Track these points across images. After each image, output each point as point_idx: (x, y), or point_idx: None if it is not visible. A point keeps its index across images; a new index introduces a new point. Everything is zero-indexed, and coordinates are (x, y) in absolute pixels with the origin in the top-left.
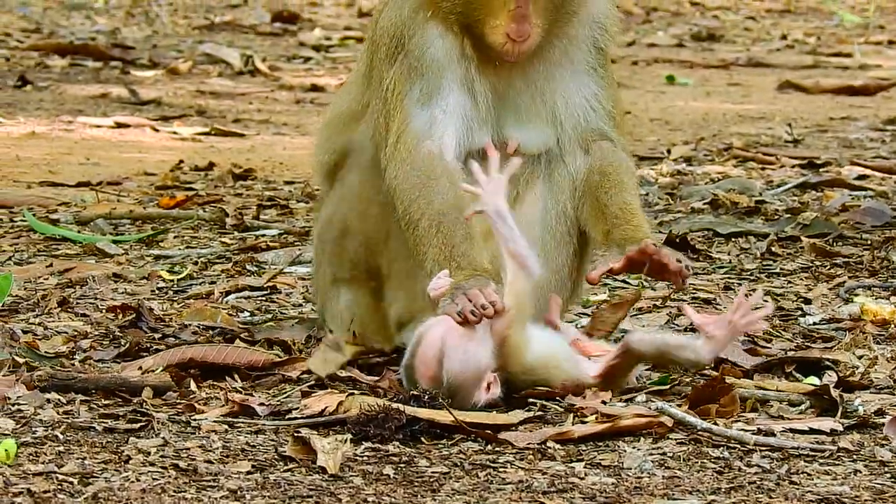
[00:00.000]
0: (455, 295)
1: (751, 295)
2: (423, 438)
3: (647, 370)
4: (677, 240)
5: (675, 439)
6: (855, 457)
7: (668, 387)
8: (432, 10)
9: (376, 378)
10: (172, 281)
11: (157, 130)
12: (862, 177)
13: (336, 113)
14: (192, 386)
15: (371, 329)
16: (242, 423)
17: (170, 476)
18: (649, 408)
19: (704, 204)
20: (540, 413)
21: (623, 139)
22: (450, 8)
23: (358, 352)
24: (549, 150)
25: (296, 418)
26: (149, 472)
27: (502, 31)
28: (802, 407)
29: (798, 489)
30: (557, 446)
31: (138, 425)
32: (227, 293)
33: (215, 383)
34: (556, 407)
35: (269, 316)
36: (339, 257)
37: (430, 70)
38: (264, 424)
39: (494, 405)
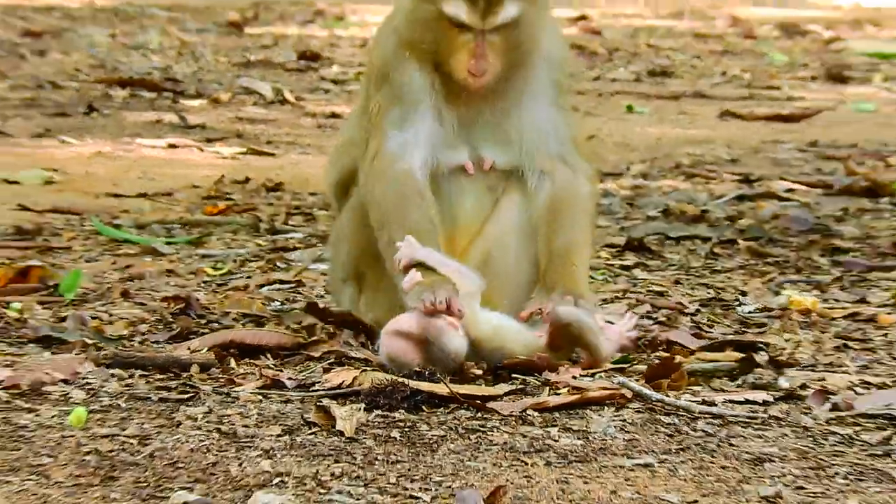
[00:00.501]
0: (424, 292)
1: (633, 318)
2: (423, 407)
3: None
4: (635, 242)
5: (634, 408)
6: (783, 423)
7: (628, 365)
8: (409, 50)
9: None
10: (215, 276)
11: (202, 150)
12: (789, 190)
13: (342, 140)
14: (232, 363)
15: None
16: (274, 394)
17: (213, 438)
18: (612, 382)
19: (658, 212)
20: (521, 386)
21: (583, 162)
22: (423, 48)
23: None
24: (518, 167)
25: (318, 390)
26: (196, 434)
27: (464, 68)
28: (739, 381)
29: (735, 450)
30: (535, 414)
31: (187, 396)
32: (261, 286)
33: (251, 361)
34: (535, 381)
35: (296, 305)
36: (341, 260)
37: (407, 99)
38: (292, 395)
39: (483, 379)
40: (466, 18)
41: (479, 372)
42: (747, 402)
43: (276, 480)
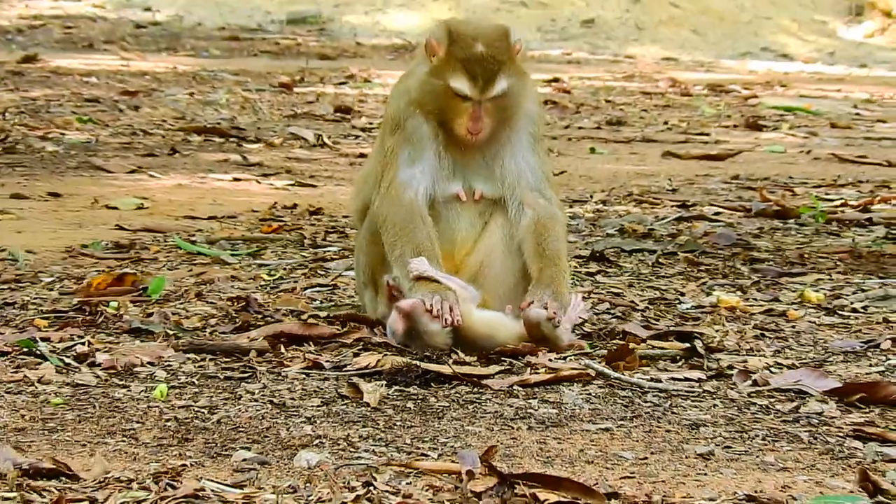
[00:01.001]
0: (428, 293)
1: (579, 300)
2: (432, 384)
3: (578, 338)
4: (598, 254)
5: (597, 385)
6: (714, 396)
7: (592, 350)
8: (418, 108)
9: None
10: (269, 280)
11: (259, 183)
12: (717, 213)
13: (362, 173)
14: (282, 349)
15: None
16: (315, 373)
17: (267, 408)
18: (580, 363)
19: (615, 230)
20: (508, 367)
21: (555, 195)
22: (429, 109)
23: None
24: (502, 197)
25: (349, 370)
26: (253, 405)
27: (464, 127)
28: (680, 363)
29: (677, 417)
30: (520, 389)
31: (246, 375)
32: (305, 288)
33: (297, 347)
34: (519, 363)
35: (332, 304)
36: (361, 268)
37: (416, 143)
38: (329, 374)
39: (478, 363)
40: (468, 92)
41: (474, 358)
42: (686, 379)
43: (316, 442)
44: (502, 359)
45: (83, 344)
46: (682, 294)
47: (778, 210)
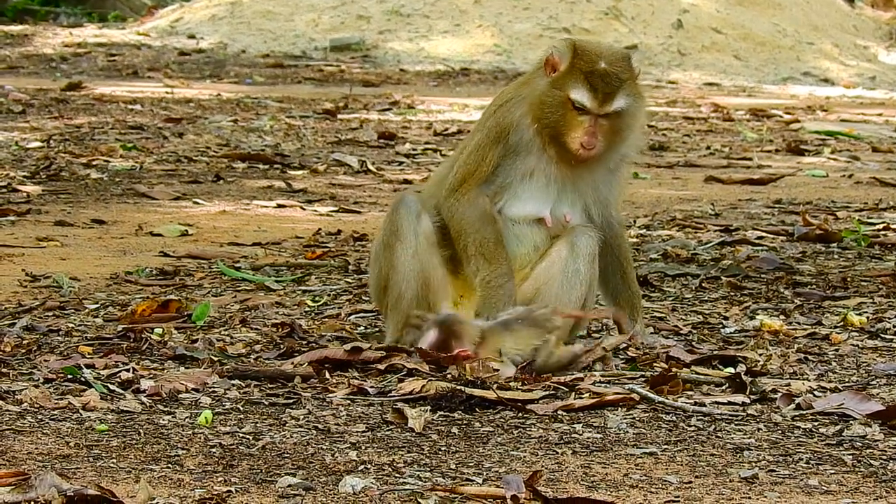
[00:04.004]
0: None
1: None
2: (476, 409)
3: (622, 363)
4: (641, 279)
5: (641, 408)
6: (758, 420)
7: (637, 375)
8: (531, 120)
9: (445, 372)
10: (314, 306)
11: (303, 209)
12: (760, 237)
13: (436, 179)
14: (327, 375)
15: None
16: (359, 398)
17: (311, 434)
18: (624, 388)
19: (658, 255)
20: (553, 392)
21: (622, 218)
22: (546, 122)
23: None
24: (576, 225)
25: (394, 396)
26: (298, 431)
27: (578, 141)
28: (723, 387)
29: (721, 441)
30: (564, 413)
31: (291, 401)
32: (349, 314)
33: (342, 373)
34: (563, 388)
35: (376, 329)
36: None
37: (515, 158)
38: (373, 399)
39: (521, 385)
40: (588, 104)
41: (518, 384)
42: (730, 403)
43: (361, 467)
44: (546, 384)
45: (128, 371)
46: (726, 318)
47: (820, 234)
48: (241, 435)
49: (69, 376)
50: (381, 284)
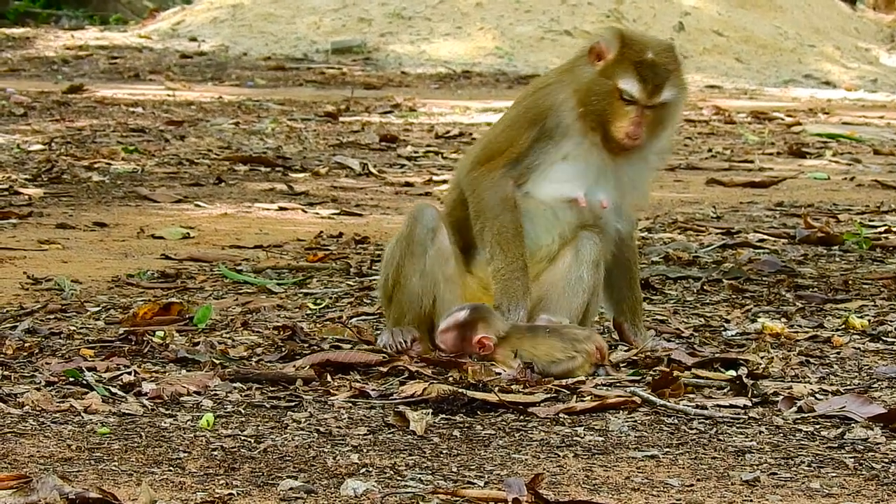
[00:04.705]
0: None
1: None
2: (478, 412)
3: (623, 366)
4: (642, 281)
5: (643, 411)
6: (760, 423)
7: (638, 378)
8: (578, 104)
9: (447, 374)
10: (315, 309)
11: (305, 212)
12: (761, 240)
13: (470, 159)
14: (328, 378)
15: None
16: (361, 402)
17: (313, 437)
18: (625, 391)
19: (660, 258)
20: (554, 395)
21: (634, 218)
22: (593, 108)
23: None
24: (582, 231)
25: (395, 399)
26: (299, 434)
27: (624, 131)
28: (725, 390)
29: (723, 444)
30: (566, 416)
31: (293, 403)
32: (351, 317)
33: (343, 376)
34: (565, 391)
35: (378, 332)
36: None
37: (549, 141)
38: (375, 403)
39: (523, 388)
40: (637, 94)
41: (520, 387)
42: (731, 406)
43: (363, 470)
44: (548, 386)
45: (129, 373)
46: (727, 321)
47: (822, 237)
48: (242, 438)
49: (71, 379)
50: (386, 294)
